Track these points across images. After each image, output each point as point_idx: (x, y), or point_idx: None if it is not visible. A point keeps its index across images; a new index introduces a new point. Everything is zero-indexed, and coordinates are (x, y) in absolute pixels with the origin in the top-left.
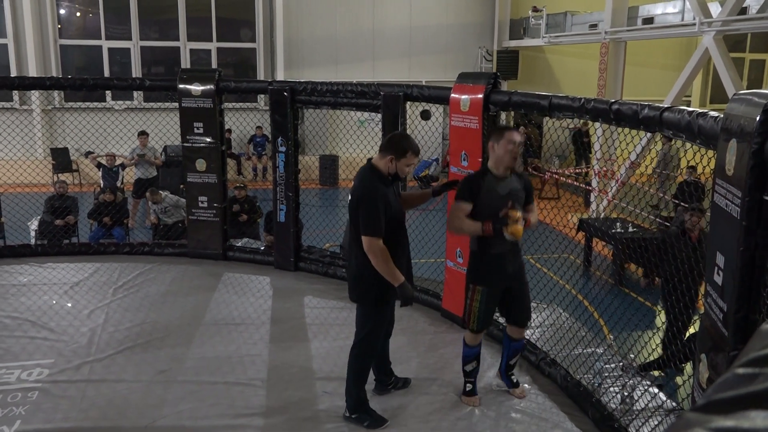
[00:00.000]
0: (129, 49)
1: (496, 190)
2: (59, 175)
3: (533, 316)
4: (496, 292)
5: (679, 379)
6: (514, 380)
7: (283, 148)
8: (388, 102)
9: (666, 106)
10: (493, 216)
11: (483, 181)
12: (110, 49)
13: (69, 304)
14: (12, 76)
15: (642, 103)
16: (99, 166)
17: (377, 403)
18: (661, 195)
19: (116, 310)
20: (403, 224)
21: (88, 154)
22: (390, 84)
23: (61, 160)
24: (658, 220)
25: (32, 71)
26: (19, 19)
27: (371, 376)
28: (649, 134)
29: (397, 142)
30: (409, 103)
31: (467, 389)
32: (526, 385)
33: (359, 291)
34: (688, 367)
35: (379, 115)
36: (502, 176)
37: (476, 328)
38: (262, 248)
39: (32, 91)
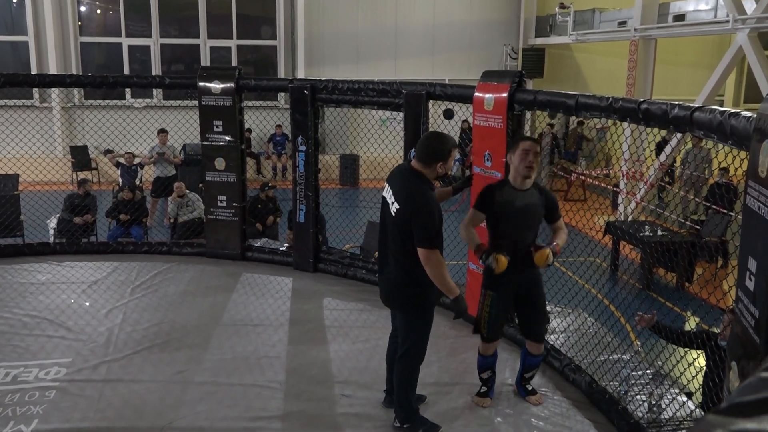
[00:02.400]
0: (149, 47)
1: (513, 202)
2: (79, 173)
3: (558, 321)
4: (507, 298)
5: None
6: (529, 389)
7: (303, 147)
8: (411, 101)
9: (697, 105)
10: (499, 242)
11: (500, 192)
12: (130, 47)
13: (87, 303)
14: (32, 73)
15: (672, 102)
16: (118, 164)
17: None
18: (691, 198)
19: (134, 310)
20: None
21: (107, 152)
22: (412, 82)
23: (80, 158)
24: (687, 223)
25: (53, 69)
26: (39, 17)
27: (382, 386)
28: (679, 134)
29: (438, 148)
30: (431, 101)
31: (481, 391)
32: (543, 389)
33: (401, 298)
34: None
35: (401, 114)
36: (521, 188)
37: (487, 335)
38: (282, 248)
39: (52, 89)
